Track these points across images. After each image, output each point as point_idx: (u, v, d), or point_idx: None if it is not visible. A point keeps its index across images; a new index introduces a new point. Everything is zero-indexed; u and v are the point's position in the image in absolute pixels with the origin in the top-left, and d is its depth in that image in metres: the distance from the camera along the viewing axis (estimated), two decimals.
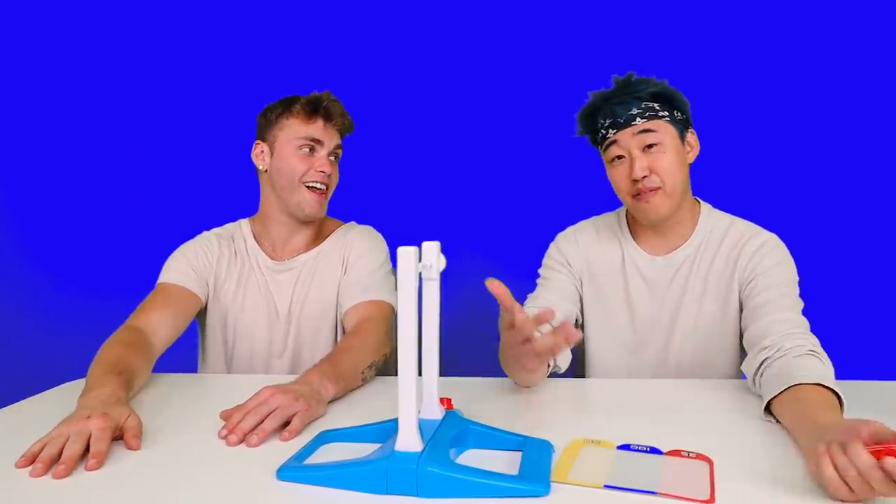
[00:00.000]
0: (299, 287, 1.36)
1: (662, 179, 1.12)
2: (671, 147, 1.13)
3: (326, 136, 1.33)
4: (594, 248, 1.27)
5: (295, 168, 1.31)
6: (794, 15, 1.96)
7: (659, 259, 1.22)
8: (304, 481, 0.70)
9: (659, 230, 1.22)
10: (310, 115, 1.32)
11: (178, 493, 0.70)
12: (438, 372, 0.77)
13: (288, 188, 1.32)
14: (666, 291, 1.21)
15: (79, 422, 0.81)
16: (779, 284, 1.10)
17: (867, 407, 0.92)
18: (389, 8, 2.11)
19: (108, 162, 2.22)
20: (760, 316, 1.07)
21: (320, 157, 1.32)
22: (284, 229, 1.38)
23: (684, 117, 1.17)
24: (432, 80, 2.11)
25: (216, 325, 1.37)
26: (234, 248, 1.39)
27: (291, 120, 1.32)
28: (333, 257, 1.38)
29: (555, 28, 2.05)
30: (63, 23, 2.21)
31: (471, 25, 2.08)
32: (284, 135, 1.32)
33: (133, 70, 2.19)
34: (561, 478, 0.70)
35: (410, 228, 2.04)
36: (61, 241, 2.25)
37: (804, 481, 0.69)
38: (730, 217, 1.23)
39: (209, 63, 2.16)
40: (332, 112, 1.33)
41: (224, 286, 1.36)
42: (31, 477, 0.73)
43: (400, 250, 0.67)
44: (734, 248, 1.18)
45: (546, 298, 1.21)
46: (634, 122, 1.12)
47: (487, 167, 2.10)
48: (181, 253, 1.36)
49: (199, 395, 1.12)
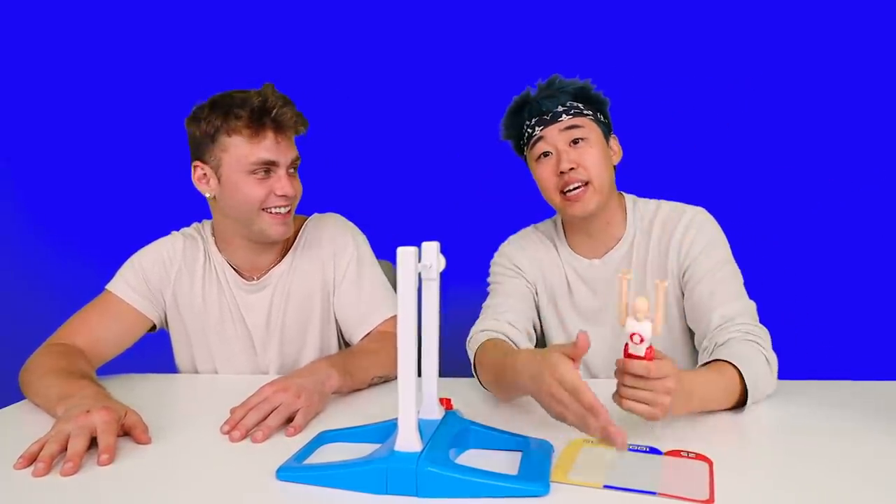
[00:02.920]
0: (276, 307, 1.24)
1: (590, 174, 1.11)
2: (597, 144, 1.13)
3: (281, 153, 1.11)
4: (540, 255, 1.25)
5: (250, 196, 1.11)
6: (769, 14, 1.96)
7: (596, 262, 1.20)
8: (303, 481, 0.70)
9: (591, 233, 1.20)
10: (256, 131, 1.09)
11: (179, 493, 0.70)
12: (438, 372, 0.77)
13: (246, 217, 1.14)
14: (608, 292, 1.20)
15: (79, 417, 0.79)
16: (710, 271, 1.09)
17: (867, 407, 0.92)
18: (392, 8, 2.11)
19: (108, 162, 2.22)
20: (701, 317, 1.08)
21: (278, 177, 1.12)
22: (248, 252, 1.22)
23: (607, 121, 1.18)
24: (432, 80, 2.10)
25: (181, 344, 1.26)
26: (203, 256, 1.25)
27: (235, 138, 1.09)
28: (309, 269, 1.25)
29: (557, 28, 2.05)
30: (63, 23, 2.21)
31: (474, 24, 2.08)
32: (230, 158, 1.10)
33: (133, 69, 2.19)
34: (560, 478, 0.70)
35: (410, 228, 2.04)
36: (61, 240, 2.25)
37: (804, 481, 0.69)
38: (655, 202, 1.22)
39: (209, 60, 2.16)
40: (282, 122, 1.10)
41: (187, 302, 1.23)
42: (34, 477, 0.73)
43: (400, 250, 0.67)
44: (664, 234, 1.17)
45: (506, 304, 1.17)
46: (561, 118, 1.12)
47: (487, 167, 2.10)
48: (139, 262, 1.22)
49: (198, 395, 1.12)
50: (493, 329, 1.11)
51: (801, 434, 0.84)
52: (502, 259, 1.27)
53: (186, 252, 1.25)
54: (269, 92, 1.11)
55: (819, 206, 1.98)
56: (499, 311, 1.16)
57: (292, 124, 1.12)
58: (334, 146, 2.13)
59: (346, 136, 2.14)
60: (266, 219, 1.14)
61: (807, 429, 0.85)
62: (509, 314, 1.15)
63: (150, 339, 1.28)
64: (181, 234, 1.28)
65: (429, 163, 2.12)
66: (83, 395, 0.88)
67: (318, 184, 2.12)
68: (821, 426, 0.86)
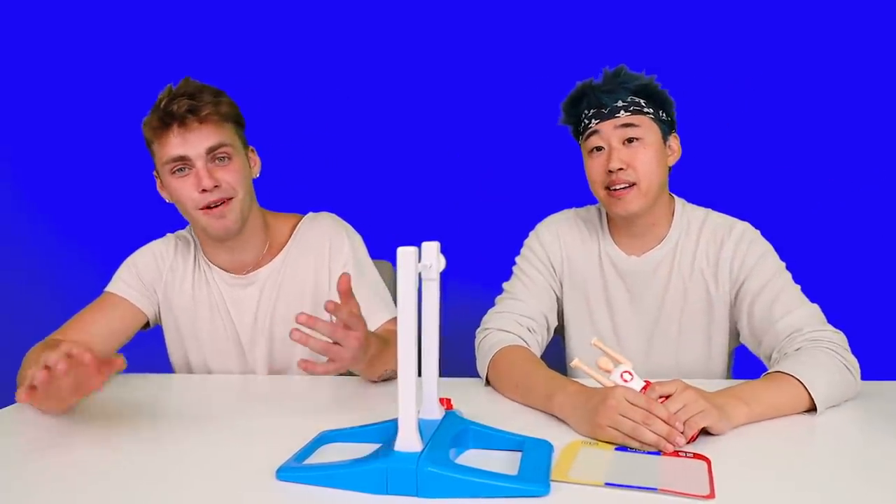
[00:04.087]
0: (264, 305, 1.22)
1: (638, 176, 1.10)
2: (652, 144, 1.11)
3: (189, 146, 1.08)
4: (575, 243, 1.24)
5: (179, 196, 1.12)
6: (783, 14, 1.96)
7: (636, 258, 1.19)
8: (303, 481, 0.70)
9: (633, 230, 1.19)
10: (162, 130, 1.08)
11: (179, 493, 0.70)
12: (438, 372, 0.77)
13: (191, 218, 1.15)
14: (645, 291, 1.19)
15: (49, 347, 0.82)
16: (768, 283, 1.09)
17: (867, 407, 0.92)
18: (391, 9, 2.11)
19: (108, 163, 2.22)
20: (766, 328, 1.06)
21: (195, 172, 1.09)
22: (222, 251, 1.22)
23: (669, 119, 1.15)
24: (433, 80, 2.10)
25: (173, 341, 1.28)
26: (193, 255, 1.26)
27: (154, 144, 1.11)
28: (303, 263, 1.23)
29: (558, 29, 2.05)
30: (70, 22, 2.21)
31: (476, 24, 2.08)
32: (157, 162, 1.13)
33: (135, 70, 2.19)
34: (561, 476, 0.70)
35: (410, 228, 2.04)
36: (61, 240, 2.26)
37: (804, 481, 0.69)
38: (704, 210, 1.21)
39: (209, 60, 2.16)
40: (180, 115, 1.06)
41: (178, 300, 1.24)
42: (37, 384, 0.76)
43: (400, 250, 0.67)
44: (712, 244, 1.16)
45: (525, 303, 1.18)
46: (618, 114, 1.10)
47: (488, 167, 2.10)
48: (132, 260, 1.25)
49: (198, 395, 1.12)
50: (514, 332, 1.12)
51: (800, 433, 0.84)
52: (535, 244, 1.25)
53: (178, 252, 1.26)
54: (171, 88, 1.09)
55: (819, 206, 1.98)
56: (517, 309, 1.16)
57: (195, 114, 1.07)
58: (334, 146, 2.13)
59: (346, 136, 2.14)
60: (203, 217, 1.12)
61: (807, 428, 0.85)
62: (528, 319, 1.15)
63: (146, 338, 1.28)
64: (175, 235, 1.30)
65: (429, 163, 2.12)
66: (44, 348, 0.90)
67: (318, 183, 2.14)
68: (821, 426, 0.86)
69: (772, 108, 1.98)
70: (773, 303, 1.07)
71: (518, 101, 2.07)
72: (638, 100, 1.11)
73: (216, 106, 1.10)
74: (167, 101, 1.07)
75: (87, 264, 2.20)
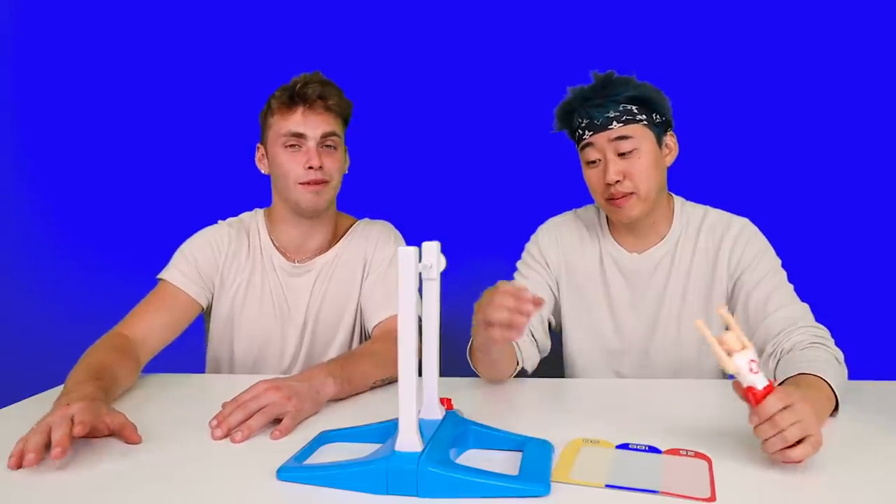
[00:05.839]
0: (317, 290, 1.30)
1: (636, 185, 1.12)
2: (647, 152, 1.12)
3: (308, 126, 1.21)
4: (574, 245, 1.26)
5: (284, 169, 1.23)
6: (781, 14, 1.96)
7: (636, 256, 1.21)
8: (304, 481, 0.70)
9: (635, 230, 1.21)
10: (288, 107, 1.22)
11: (179, 493, 0.70)
12: (438, 372, 0.77)
13: (284, 188, 1.25)
14: (646, 288, 1.21)
15: (60, 408, 0.80)
16: (765, 277, 1.11)
17: (867, 407, 0.92)
18: (391, 9, 2.11)
19: (108, 162, 2.22)
20: (758, 322, 1.08)
21: (307, 149, 1.22)
22: (295, 231, 1.30)
23: (664, 119, 1.15)
24: (433, 80, 2.10)
25: (221, 327, 1.31)
26: (248, 243, 1.32)
27: (275, 116, 1.23)
28: (352, 259, 1.32)
29: (558, 29, 2.05)
30: (88, 19, 2.21)
31: (477, 23, 2.08)
32: (272, 134, 1.24)
33: (139, 67, 2.19)
34: (561, 477, 0.70)
35: (410, 228, 2.04)
36: (61, 240, 2.25)
37: (804, 480, 0.69)
38: (703, 208, 1.24)
39: (218, 56, 2.16)
40: (309, 97, 1.21)
41: (232, 287, 1.30)
42: (26, 466, 0.73)
43: (400, 250, 0.67)
44: (711, 241, 1.18)
45: None
46: (611, 126, 1.11)
47: (488, 167, 2.10)
48: (189, 249, 1.29)
49: (200, 395, 1.12)
50: None
51: None
52: (534, 248, 1.29)
53: (232, 238, 1.32)
54: (307, 75, 1.23)
55: (819, 206, 1.98)
56: None
57: (320, 100, 1.21)
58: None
59: (346, 137, 2.14)
60: (300, 190, 1.23)
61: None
62: None
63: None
64: (226, 223, 1.36)
65: (429, 163, 2.12)
66: (77, 392, 0.88)
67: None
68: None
69: (770, 106, 1.98)
70: (768, 297, 1.09)
71: (518, 102, 2.07)
72: (630, 107, 1.11)
73: (339, 99, 1.25)
74: (302, 85, 1.21)
75: (88, 263, 2.20)
